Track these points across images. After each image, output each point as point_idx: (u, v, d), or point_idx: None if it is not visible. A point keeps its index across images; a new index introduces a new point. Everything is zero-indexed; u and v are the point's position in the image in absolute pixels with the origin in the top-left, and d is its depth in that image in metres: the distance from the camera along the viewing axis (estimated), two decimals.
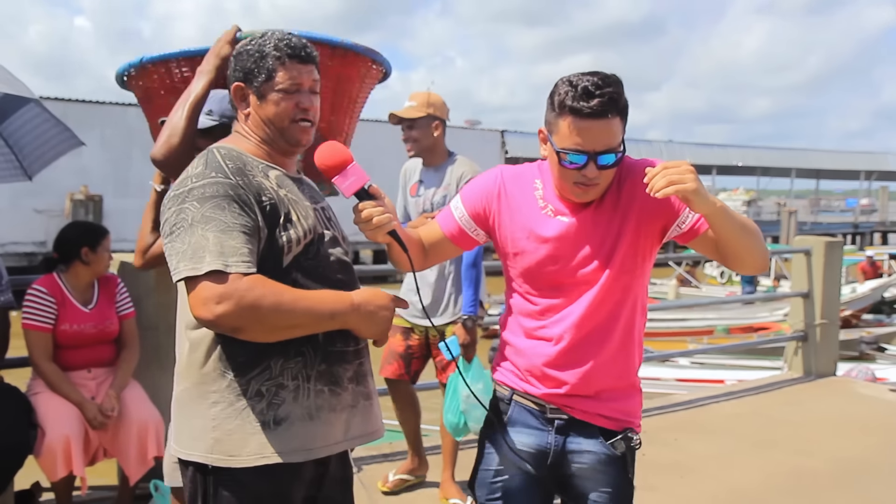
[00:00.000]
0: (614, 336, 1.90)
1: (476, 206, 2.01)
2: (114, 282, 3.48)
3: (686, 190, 1.64)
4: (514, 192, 1.96)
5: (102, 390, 3.31)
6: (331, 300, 1.73)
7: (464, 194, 2.05)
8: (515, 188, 1.97)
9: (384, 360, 3.77)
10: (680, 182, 1.64)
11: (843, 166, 43.75)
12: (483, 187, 2.01)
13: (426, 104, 3.53)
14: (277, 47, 1.81)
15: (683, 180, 1.64)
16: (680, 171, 1.65)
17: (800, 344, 6.43)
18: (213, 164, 1.73)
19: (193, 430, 1.75)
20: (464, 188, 2.08)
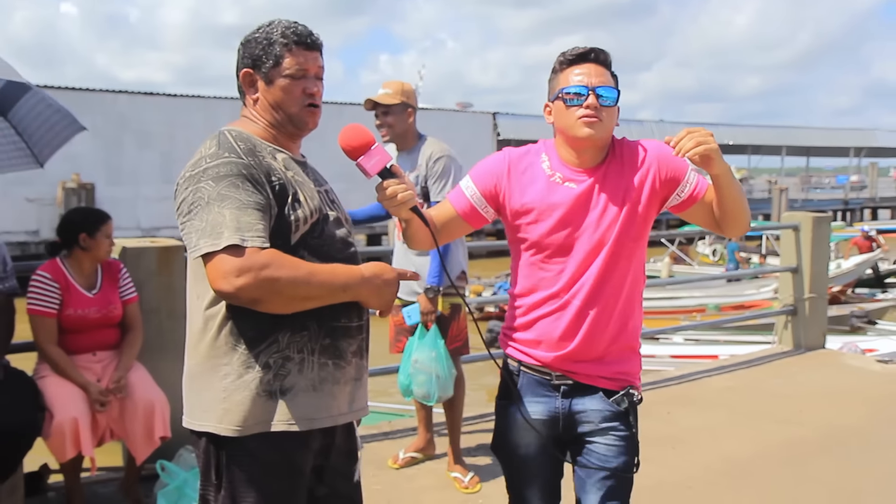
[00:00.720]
0: (619, 301, 2.03)
1: (487, 183, 2.11)
2: (117, 267, 3.54)
3: (711, 149, 1.82)
4: (522, 167, 2.08)
5: (108, 373, 3.38)
6: (343, 273, 1.83)
7: (473, 173, 2.15)
8: (523, 163, 2.09)
9: (392, 338, 3.87)
10: (706, 143, 1.82)
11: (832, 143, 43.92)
12: (493, 165, 2.12)
13: (400, 92, 3.68)
14: (284, 34, 1.90)
15: (708, 141, 1.83)
16: (703, 134, 1.84)
17: (789, 318, 6.54)
18: (225, 144, 1.82)
19: (204, 402, 1.83)
20: (473, 168, 2.17)
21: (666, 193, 2.02)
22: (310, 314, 1.83)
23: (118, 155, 22.67)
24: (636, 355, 2.12)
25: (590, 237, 2.00)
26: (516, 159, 2.10)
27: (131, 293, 3.55)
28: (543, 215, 2.03)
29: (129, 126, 22.95)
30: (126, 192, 22.68)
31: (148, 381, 3.44)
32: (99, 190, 21.80)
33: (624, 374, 2.07)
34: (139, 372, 3.46)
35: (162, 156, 23.44)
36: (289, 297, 1.75)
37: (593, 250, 2.00)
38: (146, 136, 23.15)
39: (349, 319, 1.92)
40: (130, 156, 22.96)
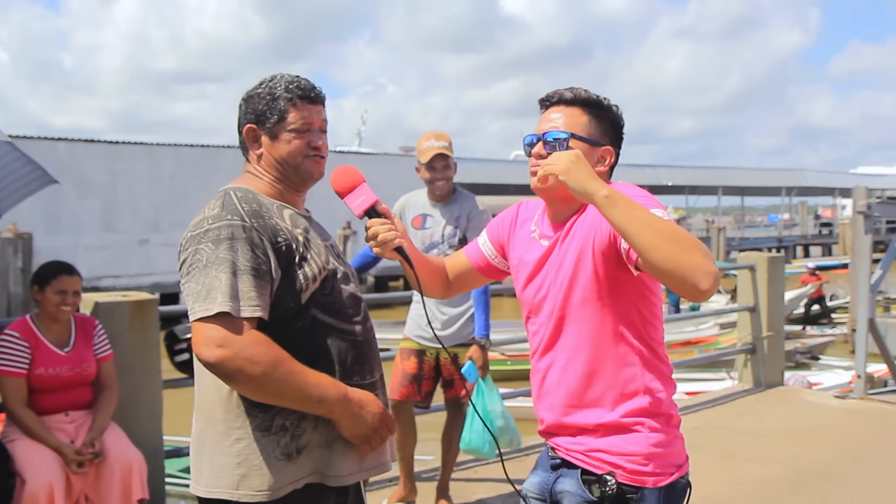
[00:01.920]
0: (582, 367, 1.82)
1: (494, 235, 2.08)
2: (91, 323, 3.42)
3: (553, 171, 1.66)
4: (522, 220, 2.03)
5: (81, 433, 3.25)
6: (325, 385, 1.76)
7: (488, 226, 2.12)
8: (524, 217, 2.03)
9: (396, 384, 3.83)
10: (547, 164, 1.69)
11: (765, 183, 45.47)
12: (502, 218, 2.09)
13: (451, 145, 3.74)
14: (288, 89, 1.89)
15: (550, 162, 1.68)
16: (554, 156, 1.69)
17: (748, 356, 6.67)
18: (229, 206, 1.79)
19: (216, 468, 1.78)
20: (490, 221, 2.15)
21: (617, 245, 1.71)
22: (326, 370, 1.80)
23: (57, 203, 22.04)
24: (635, 434, 1.78)
25: (549, 297, 1.86)
26: (523, 212, 2.05)
27: (106, 350, 3.43)
28: (519, 272, 1.97)
29: (68, 174, 22.29)
30: (65, 241, 22.03)
31: (124, 441, 3.32)
32: (37, 239, 21.11)
33: (607, 454, 1.78)
34: (114, 432, 3.34)
35: (103, 204, 22.90)
36: (259, 387, 1.70)
37: (552, 312, 1.85)
38: (86, 184, 22.61)
39: (362, 377, 1.89)
40: (70, 204, 22.35)
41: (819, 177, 48.16)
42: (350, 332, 1.88)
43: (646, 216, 1.58)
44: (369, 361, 1.93)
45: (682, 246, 1.54)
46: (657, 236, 1.54)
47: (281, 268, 1.77)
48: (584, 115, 1.86)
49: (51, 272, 3.32)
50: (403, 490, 4.00)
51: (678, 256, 1.53)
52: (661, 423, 1.80)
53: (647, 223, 1.56)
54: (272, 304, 1.77)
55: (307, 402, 1.73)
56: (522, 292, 1.95)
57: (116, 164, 23.15)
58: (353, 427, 1.79)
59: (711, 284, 1.53)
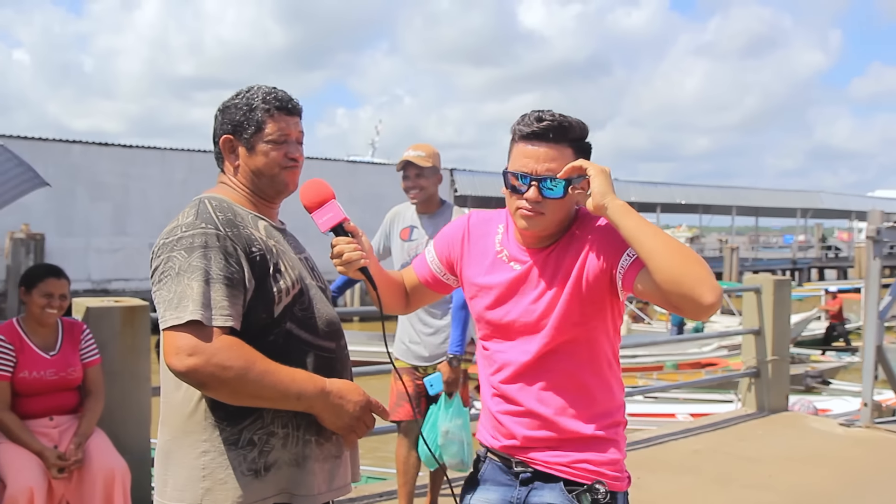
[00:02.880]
0: (569, 387, 1.85)
1: (443, 251, 2.04)
2: (79, 328, 3.40)
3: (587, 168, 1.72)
4: (476, 236, 1.98)
5: (66, 439, 3.22)
6: (301, 381, 1.73)
7: (435, 241, 2.09)
8: (479, 232, 1.98)
9: (393, 404, 3.77)
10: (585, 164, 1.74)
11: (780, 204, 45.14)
12: (450, 233, 2.04)
13: (432, 155, 3.69)
14: (266, 100, 1.87)
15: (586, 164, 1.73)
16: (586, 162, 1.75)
17: (752, 380, 6.57)
18: (203, 214, 1.77)
19: (180, 481, 1.75)
20: (436, 235, 2.12)
21: (610, 268, 1.75)
22: None
23: (70, 205, 22.21)
24: (609, 443, 1.86)
25: (525, 320, 1.84)
26: (475, 226, 1.99)
27: (93, 355, 3.40)
28: (482, 292, 1.92)
29: (81, 176, 22.55)
30: (77, 243, 22.18)
31: (108, 448, 3.29)
32: (49, 241, 21.28)
33: (591, 464, 1.83)
34: (99, 438, 3.31)
35: (115, 207, 23.06)
36: (234, 391, 1.67)
37: (527, 334, 1.85)
38: (99, 186, 22.77)
39: None
40: (82, 207, 22.51)
41: (835, 199, 47.81)
42: (323, 349, 1.85)
43: (656, 229, 1.67)
44: (342, 377, 1.89)
45: (689, 259, 1.62)
46: (666, 247, 1.62)
47: (255, 278, 1.75)
48: (570, 149, 1.79)
49: (37, 275, 3.31)
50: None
51: (684, 267, 1.60)
52: (622, 430, 1.92)
53: (657, 233, 1.65)
54: (245, 314, 1.74)
55: (285, 399, 1.71)
56: (486, 312, 1.91)
57: (129, 168, 23.30)
58: (335, 419, 1.77)
59: (715, 299, 1.59)
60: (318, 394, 1.74)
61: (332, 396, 1.76)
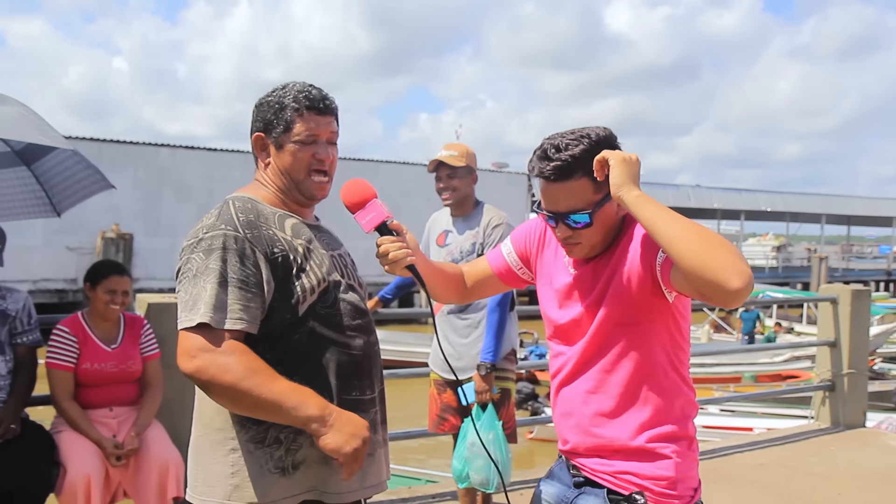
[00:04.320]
0: (610, 392, 1.82)
1: (521, 245, 2.05)
2: (139, 323, 3.54)
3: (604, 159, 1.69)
4: (550, 237, 1.98)
5: (124, 429, 3.35)
6: (304, 398, 1.68)
7: (513, 234, 2.09)
8: (552, 235, 1.97)
9: (436, 417, 3.68)
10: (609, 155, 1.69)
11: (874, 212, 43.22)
12: (530, 228, 2.05)
13: (466, 155, 3.53)
14: (296, 99, 1.87)
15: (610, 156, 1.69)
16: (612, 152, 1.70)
17: (827, 394, 6.31)
18: (225, 216, 1.79)
19: (210, 477, 1.78)
20: (515, 229, 2.11)
21: (651, 269, 1.72)
22: (323, 384, 1.79)
23: (157, 206, 23.06)
24: (660, 457, 1.79)
25: (577, 321, 1.85)
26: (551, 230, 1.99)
27: (153, 350, 3.53)
28: (546, 293, 1.96)
29: (168, 178, 23.39)
30: (163, 243, 22.99)
31: (164, 439, 3.40)
32: (137, 240, 22.17)
33: (635, 476, 1.80)
34: (156, 429, 3.42)
35: (199, 208, 23.76)
36: (233, 397, 1.67)
37: (579, 335, 1.86)
38: (185, 188, 23.56)
39: (361, 392, 1.86)
40: (169, 208, 23.33)
41: None
42: (349, 346, 1.85)
43: (675, 216, 1.61)
44: (370, 376, 1.90)
45: (713, 243, 1.54)
46: (685, 232, 1.56)
47: (276, 279, 1.76)
48: (583, 177, 1.74)
49: (102, 272, 3.45)
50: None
51: (709, 252, 1.52)
52: (685, 448, 1.82)
53: (676, 220, 1.59)
54: (267, 315, 1.75)
55: (283, 411, 1.67)
56: (551, 314, 1.94)
57: (214, 171, 24.02)
58: (332, 440, 1.68)
59: (743, 285, 1.49)
60: (320, 414, 1.67)
61: (334, 418, 1.69)
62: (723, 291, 1.51)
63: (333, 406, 1.73)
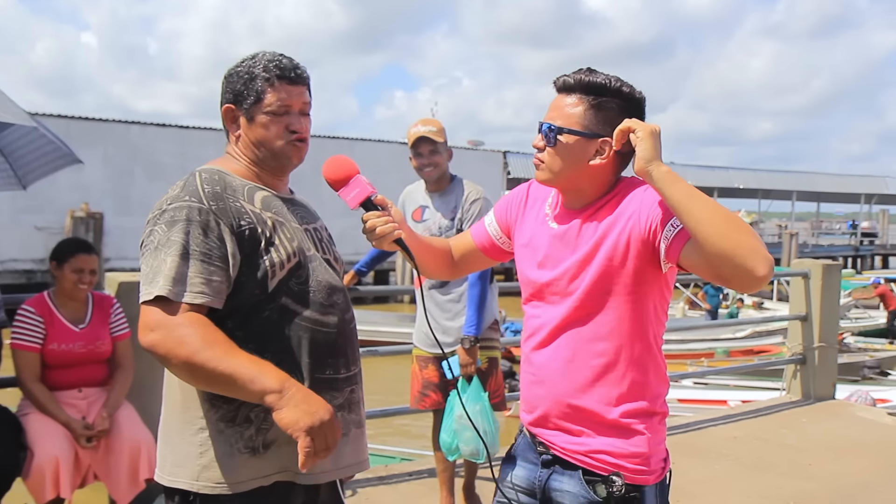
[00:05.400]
0: (590, 361, 1.76)
1: (502, 214, 2.02)
2: (109, 302, 3.47)
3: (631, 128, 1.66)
4: (534, 199, 1.95)
5: (94, 410, 3.30)
6: (261, 370, 1.60)
7: (496, 204, 2.06)
8: (536, 196, 1.95)
9: (417, 393, 3.71)
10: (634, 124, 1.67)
11: (843, 189, 43.75)
12: (512, 195, 2.02)
13: (442, 130, 3.57)
14: (267, 68, 1.81)
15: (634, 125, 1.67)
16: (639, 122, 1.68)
17: (798, 367, 6.39)
18: (190, 187, 1.74)
19: (178, 457, 1.74)
20: (499, 199, 2.08)
21: (654, 240, 1.67)
22: (294, 362, 1.74)
23: (128, 185, 22.73)
24: (635, 434, 1.75)
25: (559, 282, 1.78)
26: (535, 190, 1.96)
27: (123, 329, 3.47)
28: (526, 253, 1.89)
29: (139, 156, 23.05)
30: (135, 222, 22.61)
31: (135, 420, 3.35)
32: (108, 219, 21.84)
33: (610, 455, 1.74)
34: (126, 410, 3.37)
35: None
36: (190, 370, 1.61)
37: (560, 296, 1.78)
38: (157, 167, 23.24)
39: (335, 370, 1.81)
40: (140, 186, 23.00)
41: None
42: (323, 323, 1.80)
43: (704, 197, 1.56)
44: (345, 355, 1.85)
45: (740, 228, 1.53)
46: (716, 216, 1.53)
47: (242, 253, 1.71)
48: (580, 103, 1.74)
49: (69, 250, 3.37)
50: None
51: (737, 237, 1.51)
52: (657, 422, 1.80)
53: (706, 202, 1.55)
54: (234, 291, 1.71)
55: (240, 384, 1.58)
56: (528, 273, 1.87)
57: (187, 149, 23.69)
58: (289, 414, 1.56)
59: (768, 271, 1.50)
60: (278, 385, 1.58)
61: (296, 396, 1.59)
62: (749, 277, 1.51)
63: (295, 381, 1.64)
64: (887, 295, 19.63)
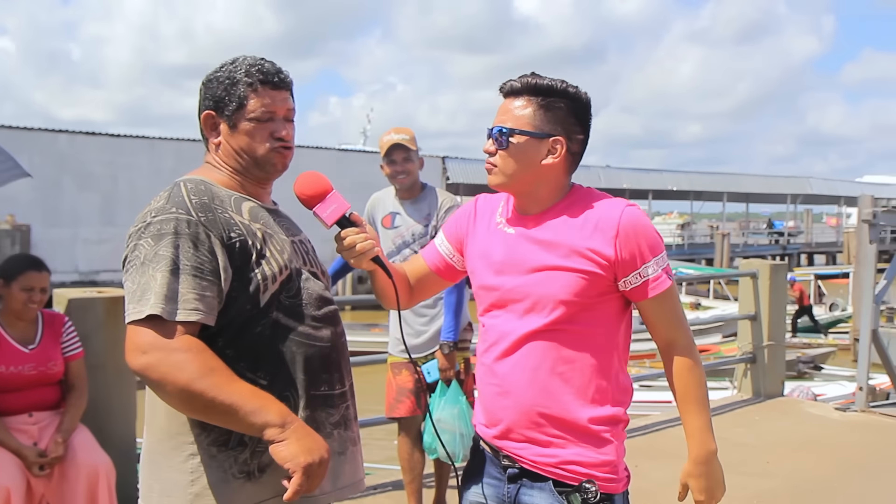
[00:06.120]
0: (558, 368, 1.72)
1: (452, 231, 1.97)
2: (60, 320, 3.28)
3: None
4: (482, 212, 1.92)
5: (46, 435, 3.11)
6: (265, 402, 1.53)
7: (445, 225, 2.02)
8: (485, 209, 1.93)
9: (392, 400, 3.67)
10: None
11: (770, 190, 45.14)
12: (460, 213, 1.98)
13: (414, 138, 3.57)
14: (249, 73, 1.73)
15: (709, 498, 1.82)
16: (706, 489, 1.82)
17: (748, 366, 6.52)
18: (176, 198, 1.65)
19: (167, 486, 1.64)
20: (446, 220, 2.04)
21: (614, 270, 1.70)
22: (289, 379, 1.66)
23: (56, 196, 22.00)
24: (603, 442, 1.73)
25: (514, 289, 1.74)
26: (482, 204, 1.94)
27: (76, 349, 3.29)
28: (481, 261, 1.84)
29: (68, 166, 22.35)
30: (64, 234, 21.98)
31: (92, 444, 3.18)
32: (35, 232, 21.08)
33: (581, 465, 1.71)
34: (82, 434, 3.20)
35: (103, 197, 22.87)
36: (185, 398, 1.51)
37: (515, 303, 1.74)
38: (86, 176, 22.57)
39: (331, 386, 1.74)
40: (69, 197, 22.30)
41: (824, 185, 47.83)
42: (316, 338, 1.72)
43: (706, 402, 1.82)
44: (339, 369, 1.78)
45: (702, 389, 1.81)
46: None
47: (233, 266, 1.62)
48: (529, 105, 1.75)
49: (17, 267, 3.17)
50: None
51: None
52: (621, 429, 1.80)
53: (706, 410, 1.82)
54: (225, 306, 1.62)
55: (239, 416, 1.51)
56: (484, 280, 1.82)
57: (118, 158, 23.10)
58: (288, 448, 1.51)
59: None
60: (280, 419, 1.52)
61: (296, 430, 1.53)
62: None
63: (296, 416, 1.58)
64: (803, 293, 20.37)
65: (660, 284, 1.72)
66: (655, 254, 1.72)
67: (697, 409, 1.77)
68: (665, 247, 1.77)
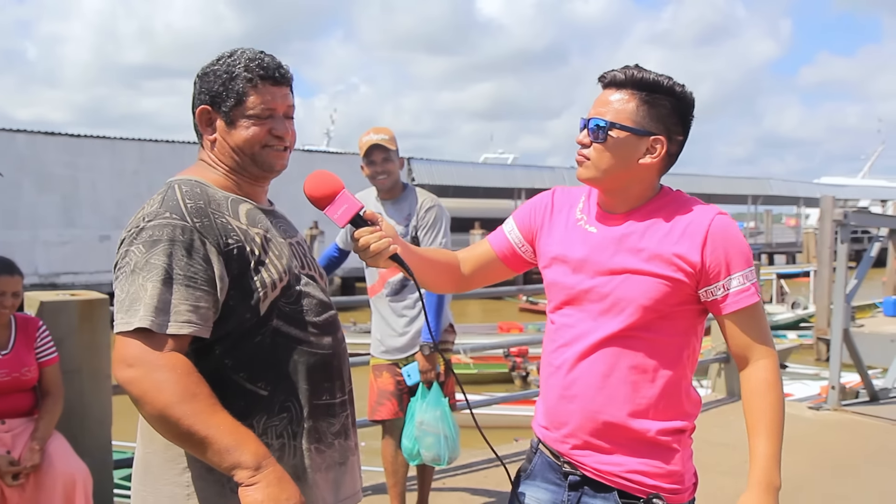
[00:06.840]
0: (629, 376, 1.67)
1: (524, 220, 1.89)
2: (34, 325, 3.17)
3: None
4: (560, 206, 1.85)
5: (20, 444, 3.00)
6: (242, 440, 1.44)
7: (517, 210, 1.94)
8: (562, 203, 1.85)
9: (374, 403, 3.63)
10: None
11: (732, 191, 45.89)
12: (535, 201, 1.91)
13: (394, 138, 3.52)
14: (248, 68, 1.65)
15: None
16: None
17: (722, 365, 6.57)
18: (170, 202, 1.56)
19: (161, 499, 1.57)
20: (521, 205, 1.97)
21: (696, 281, 1.63)
22: (291, 389, 1.60)
23: (15, 197, 21.52)
24: (671, 452, 1.68)
25: (601, 291, 1.67)
26: (561, 197, 1.87)
27: (50, 354, 3.17)
28: (556, 260, 1.77)
29: (27, 167, 21.88)
30: (23, 236, 21.50)
31: (68, 451, 3.08)
32: None
33: (647, 476, 1.66)
34: (57, 441, 3.09)
35: (63, 198, 22.42)
36: (162, 420, 1.43)
37: (595, 303, 1.68)
38: (46, 177, 22.11)
39: (332, 395, 1.68)
40: (28, 198, 21.84)
41: (784, 186, 48.77)
42: (317, 345, 1.66)
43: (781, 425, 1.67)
44: (340, 377, 1.72)
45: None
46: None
47: (230, 275, 1.54)
48: (632, 99, 1.67)
49: None
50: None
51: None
52: (687, 437, 1.74)
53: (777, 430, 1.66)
54: (223, 316, 1.54)
55: (211, 450, 1.42)
56: (563, 279, 1.75)
57: (78, 158, 22.67)
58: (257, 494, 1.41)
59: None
60: (255, 461, 1.43)
61: (270, 474, 1.44)
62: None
63: (273, 460, 1.47)
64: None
65: (743, 299, 1.64)
66: (743, 267, 1.64)
67: (768, 435, 1.62)
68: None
